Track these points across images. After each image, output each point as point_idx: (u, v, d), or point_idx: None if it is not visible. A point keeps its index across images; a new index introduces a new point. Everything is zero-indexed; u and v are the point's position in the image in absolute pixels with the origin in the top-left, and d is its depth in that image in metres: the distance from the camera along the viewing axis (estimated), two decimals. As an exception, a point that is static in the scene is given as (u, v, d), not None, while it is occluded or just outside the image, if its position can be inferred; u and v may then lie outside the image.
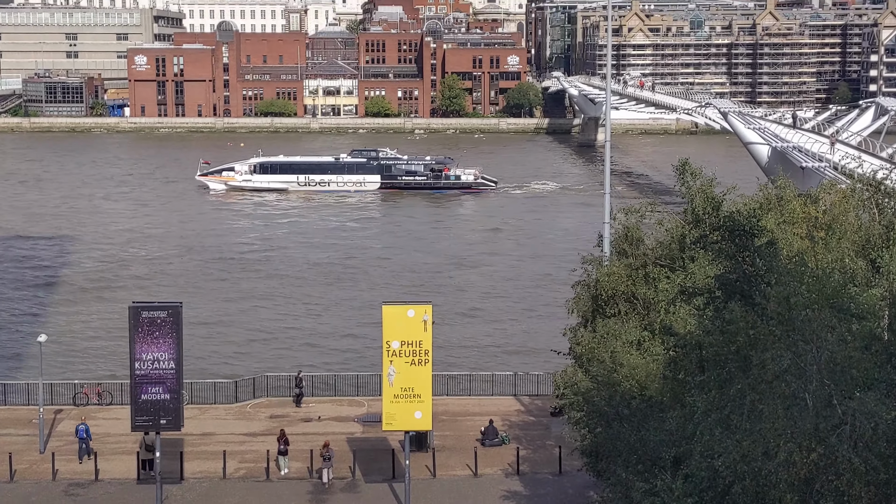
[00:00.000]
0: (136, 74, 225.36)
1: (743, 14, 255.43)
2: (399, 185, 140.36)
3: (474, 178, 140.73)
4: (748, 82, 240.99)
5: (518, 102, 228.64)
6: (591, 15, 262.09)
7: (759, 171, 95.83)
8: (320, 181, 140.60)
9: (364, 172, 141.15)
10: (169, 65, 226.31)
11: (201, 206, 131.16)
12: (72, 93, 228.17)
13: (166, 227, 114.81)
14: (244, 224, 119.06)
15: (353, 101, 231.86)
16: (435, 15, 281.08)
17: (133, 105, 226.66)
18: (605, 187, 54.67)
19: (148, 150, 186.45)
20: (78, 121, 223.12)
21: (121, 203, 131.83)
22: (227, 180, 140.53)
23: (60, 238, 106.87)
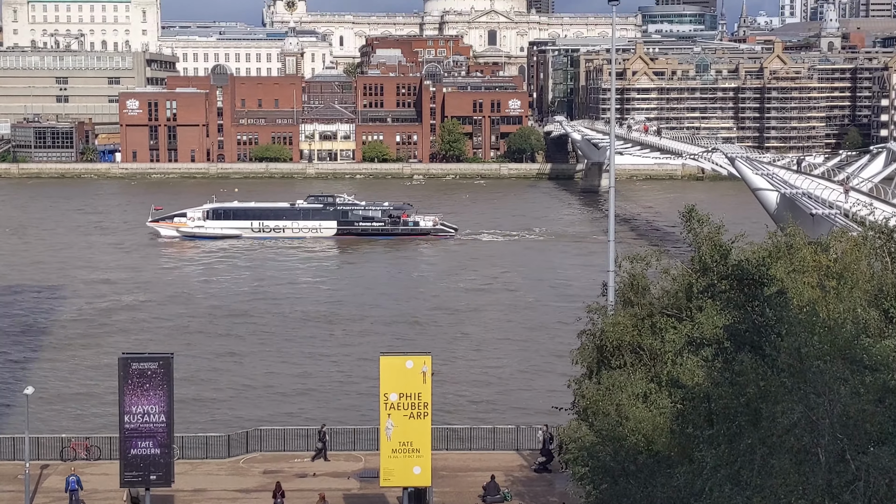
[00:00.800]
0: (127, 119, 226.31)
1: (750, 58, 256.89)
2: (356, 232, 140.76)
3: (433, 224, 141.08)
4: (756, 127, 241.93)
5: (519, 147, 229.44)
6: (595, 58, 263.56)
7: (768, 218, 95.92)
8: (275, 227, 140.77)
9: (320, 218, 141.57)
10: (161, 109, 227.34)
11: (157, 254, 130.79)
12: (62, 138, 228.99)
13: (142, 276, 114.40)
14: (214, 272, 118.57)
15: (351, 145, 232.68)
16: (434, 58, 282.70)
17: (124, 150, 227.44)
18: (610, 234, 54.69)
19: (137, 197, 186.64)
20: (68, 166, 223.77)
21: (102, 250, 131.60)
22: (179, 226, 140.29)
23: (45, 286, 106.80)
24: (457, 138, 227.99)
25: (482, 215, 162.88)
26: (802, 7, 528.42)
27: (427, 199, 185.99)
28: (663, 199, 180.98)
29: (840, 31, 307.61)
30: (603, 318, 39.76)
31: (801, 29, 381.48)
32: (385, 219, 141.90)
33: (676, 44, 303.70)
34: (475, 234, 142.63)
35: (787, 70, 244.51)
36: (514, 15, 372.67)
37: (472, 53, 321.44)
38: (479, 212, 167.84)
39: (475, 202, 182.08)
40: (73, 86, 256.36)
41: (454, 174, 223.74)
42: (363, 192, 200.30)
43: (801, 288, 29.69)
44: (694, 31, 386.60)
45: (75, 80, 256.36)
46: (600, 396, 35.37)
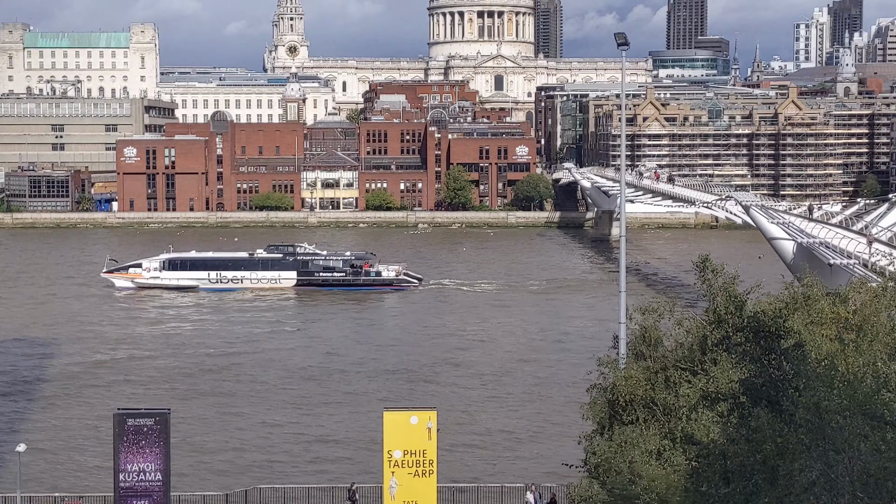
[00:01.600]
0: (125, 167, 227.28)
1: (764, 103, 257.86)
2: (316, 283, 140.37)
3: (396, 274, 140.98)
4: (771, 174, 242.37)
5: (527, 195, 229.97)
6: (604, 103, 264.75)
7: (785, 268, 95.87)
8: (233, 278, 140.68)
9: (279, 269, 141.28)
10: (160, 156, 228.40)
11: (125, 306, 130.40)
12: (57, 187, 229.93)
13: (123, 330, 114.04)
14: (191, 324, 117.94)
15: (354, 193, 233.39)
16: (439, 104, 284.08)
17: (121, 199, 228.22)
18: (621, 285, 54.63)
19: (132, 247, 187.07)
20: (63, 216, 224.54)
21: (65, 303, 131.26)
22: (134, 277, 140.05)
23: (33, 340, 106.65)
24: (463, 186, 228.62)
25: (482, 265, 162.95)
26: (818, 51, 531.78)
27: (431, 247, 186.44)
28: (676, 249, 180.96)
29: (856, 76, 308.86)
30: (614, 371, 39.62)
31: (816, 74, 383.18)
32: (346, 269, 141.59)
33: (688, 89, 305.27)
34: (441, 284, 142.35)
35: (803, 116, 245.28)
36: (521, 60, 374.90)
37: (478, 99, 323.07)
38: (481, 261, 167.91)
39: (481, 251, 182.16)
40: (69, 133, 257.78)
41: (460, 223, 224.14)
42: (366, 241, 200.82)
43: (820, 341, 29.60)
44: (706, 75, 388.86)
45: (71, 128, 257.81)
46: (612, 453, 35.17)
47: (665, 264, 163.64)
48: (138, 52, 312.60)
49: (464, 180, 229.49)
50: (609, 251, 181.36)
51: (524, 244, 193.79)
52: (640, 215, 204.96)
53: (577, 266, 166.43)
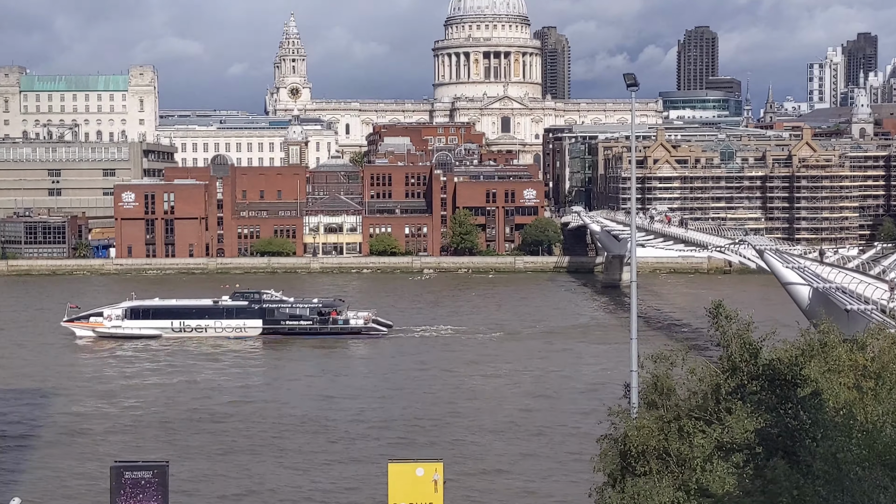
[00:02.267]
0: (123, 212, 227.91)
1: (777, 145, 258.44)
2: (282, 331, 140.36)
3: (364, 322, 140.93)
4: (785, 217, 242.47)
5: (535, 239, 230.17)
6: (614, 145, 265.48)
7: (800, 314, 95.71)
8: (196, 327, 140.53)
9: (245, 317, 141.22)
10: (159, 201, 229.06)
11: (80, 356, 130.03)
12: (54, 233, 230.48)
13: (101, 381, 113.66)
14: (177, 374, 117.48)
15: (357, 238, 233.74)
16: (445, 146, 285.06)
17: (119, 245, 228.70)
18: (632, 332, 54.56)
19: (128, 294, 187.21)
20: (60, 263, 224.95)
21: (52, 352, 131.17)
22: (95, 326, 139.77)
23: (23, 390, 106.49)
24: (469, 230, 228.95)
25: (485, 311, 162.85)
26: (832, 92, 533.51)
27: (436, 293, 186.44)
28: (688, 294, 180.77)
29: (872, 117, 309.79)
30: (626, 421, 39.49)
31: (830, 115, 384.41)
32: (314, 317, 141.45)
33: (700, 130, 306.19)
34: (413, 331, 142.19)
35: (818, 157, 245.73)
36: (528, 101, 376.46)
37: (484, 141, 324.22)
38: (487, 307, 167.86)
39: (486, 297, 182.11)
40: (66, 178, 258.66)
41: (466, 268, 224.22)
42: (370, 287, 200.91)
43: (837, 389, 29.53)
44: (718, 116, 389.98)
45: (68, 172, 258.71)
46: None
47: (677, 310, 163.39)
48: (137, 94, 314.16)
49: (470, 224, 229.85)
50: (620, 297, 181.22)
51: (531, 289, 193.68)
52: (652, 260, 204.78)
53: (586, 312, 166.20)
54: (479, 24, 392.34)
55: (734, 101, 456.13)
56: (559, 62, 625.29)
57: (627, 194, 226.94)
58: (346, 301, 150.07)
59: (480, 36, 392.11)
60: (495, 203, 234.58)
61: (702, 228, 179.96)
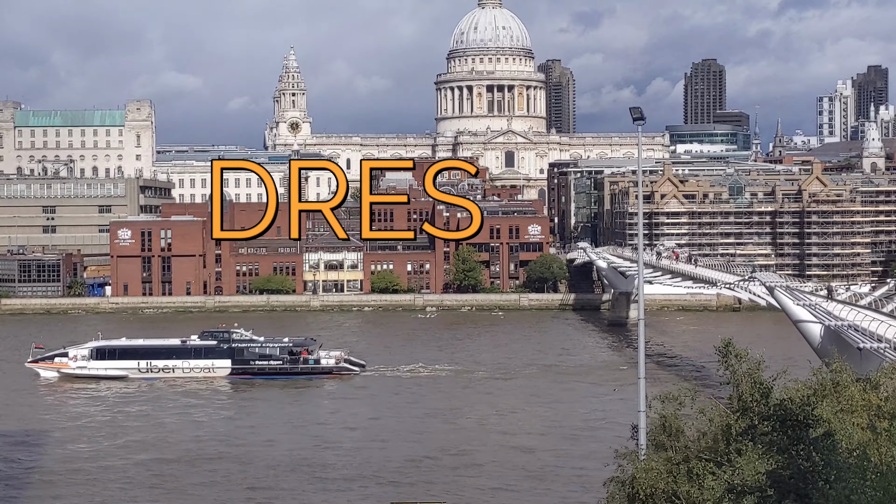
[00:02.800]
0: (119, 250, 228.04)
1: (787, 179, 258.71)
2: (252, 371, 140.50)
3: (336, 361, 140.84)
4: (795, 253, 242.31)
5: (540, 276, 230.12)
6: (620, 180, 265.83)
7: (812, 353, 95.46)
8: (164, 367, 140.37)
9: (213, 357, 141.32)
10: (155, 239, 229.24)
11: (53, 398, 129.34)
12: (48, 271, 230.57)
13: (78, 423, 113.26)
14: (162, 416, 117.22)
15: (358, 275, 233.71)
16: (448, 181, 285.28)
17: (115, 283, 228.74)
18: (640, 371, 54.40)
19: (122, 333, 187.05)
20: (54, 302, 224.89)
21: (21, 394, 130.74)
22: (61, 367, 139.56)
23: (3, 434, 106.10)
24: (472, 267, 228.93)
25: (488, 350, 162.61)
26: (842, 125, 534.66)
27: (438, 331, 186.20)
28: (697, 332, 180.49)
29: (883, 151, 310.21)
30: (634, 463, 39.28)
31: (841, 149, 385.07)
32: (284, 356, 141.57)
33: (708, 165, 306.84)
34: (386, 370, 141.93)
35: (828, 192, 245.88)
36: (532, 135, 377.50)
37: (488, 176, 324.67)
38: (488, 345, 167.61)
39: (488, 335, 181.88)
40: (60, 215, 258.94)
41: (470, 305, 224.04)
42: (370, 325, 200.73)
43: (850, 429, 29.36)
44: (726, 151, 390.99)
45: (63, 209, 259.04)
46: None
47: (686, 349, 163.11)
48: (134, 130, 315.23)
49: (473, 261, 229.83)
50: (627, 335, 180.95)
51: (536, 327, 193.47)
52: (659, 297, 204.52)
53: (592, 350, 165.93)
54: (482, 57, 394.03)
55: (742, 135, 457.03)
56: (564, 95, 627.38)
57: (634, 230, 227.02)
58: (320, 340, 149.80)
59: (484, 69, 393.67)
60: (499, 239, 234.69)
61: (710, 265, 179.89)
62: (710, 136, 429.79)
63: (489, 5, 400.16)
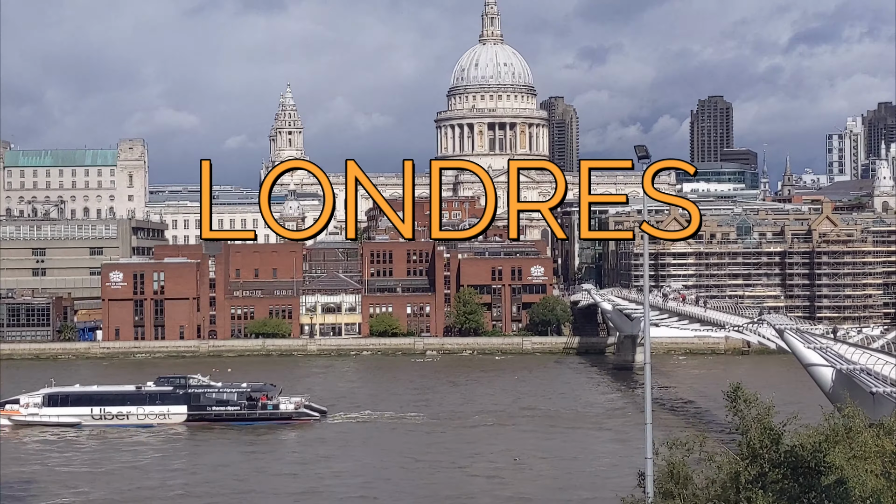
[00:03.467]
0: (110, 293, 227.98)
1: (796, 219, 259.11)
2: (209, 417, 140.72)
3: (295, 407, 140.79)
4: (806, 295, 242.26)
5: (544, 318, 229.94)
6: (626, 220, 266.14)
7: (823, 398, 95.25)
8: (118, 413, 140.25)
9: (169, 403, 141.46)
10: (148, 281, 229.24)
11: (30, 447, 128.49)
12: (37, 315, 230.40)
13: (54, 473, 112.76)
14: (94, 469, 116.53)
15: (357, 318, 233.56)
16: (448, 221, 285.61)
17: (106, 327, 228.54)
18: (647, 416, 54.25)
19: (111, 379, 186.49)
20: (43, 346, 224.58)
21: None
22: (12, 414, 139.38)
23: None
24: (474, 309, 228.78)
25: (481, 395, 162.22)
26: (852, 164, 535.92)
27: (438, 376, 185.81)
28: (705, 376, 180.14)
29: (895, 190, 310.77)
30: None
31: (851, 187, 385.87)
32: (242, 402, 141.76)
33: (715, 204, 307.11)
34: (350, 417, 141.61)
35: (838, 232, 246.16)
36: (535, 174, 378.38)
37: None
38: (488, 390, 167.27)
39: (486, 379, 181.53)
40: (50, 257, 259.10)
41: (471, 349, 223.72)
42: (369, 370, 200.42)
43: (864, 477, 29.28)
44: (734, 190, 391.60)
45: (54, 251, 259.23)
46: None
47: (694, 393, 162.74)
48: (126, 169, 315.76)
49: (475, 303, 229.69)
50: (633, 379, 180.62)
51: (538, 371, 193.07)
52: (666, 340, 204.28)
53: (596, 395, 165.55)
54: (483, 94, 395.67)
55: (750, 174, 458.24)
56: (567, 133, 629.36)
57: (640, 271, 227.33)
58: (279, 386, 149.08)
59: (485, 106, 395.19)
60: (501, 281, 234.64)
61: (718, 307, 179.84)
62: (718, 174, 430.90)
63: (490, 41, 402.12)
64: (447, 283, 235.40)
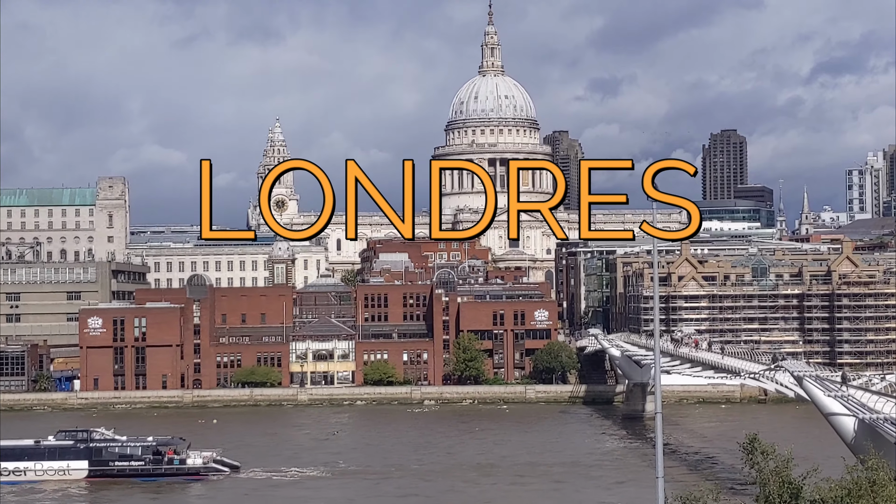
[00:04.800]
0: (89, 340, 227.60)
1: (815, 259, 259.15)
2: (111, 473, 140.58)
3: (204, 462, 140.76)
4: (825, 340, 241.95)
5: (548, 366, 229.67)
6: (634, 261, 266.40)
7: (845, 449, 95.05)
8: (14, 469, 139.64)
9: (69, 458, 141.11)
10: (129, 327, 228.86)
11: None
12: (11, 364, 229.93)
13: None
14: None
15: (350, 366, 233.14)
16: (447, 263, 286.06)
17: (84, 377, 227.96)
18: (658, 469, 54.20)
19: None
20: (17, 397, 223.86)
21: None
22: None
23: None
24: (474, 356, 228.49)
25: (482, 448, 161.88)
26: (874, 201, 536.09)
27: (437, 427, 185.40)
28: (719, 427, 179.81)
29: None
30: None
31: (872, 226, 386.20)
32: (147, 456, 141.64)
33: (729, 244, 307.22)
34: (270, 472, 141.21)
35: (860, 273, 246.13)
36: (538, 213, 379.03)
37: (490, 257, 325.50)
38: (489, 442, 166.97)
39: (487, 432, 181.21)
40: (25, 302, 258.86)
41: (472, 398, 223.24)
42: (362, 420, 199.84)
43: (889, 533, 29.22)
44: (748, 228, 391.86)
45: (29, 296, 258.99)
46: None
47: (707, 444, 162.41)
48: (106, 209, 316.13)
49: (475, 350, 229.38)
50: (642, 430, 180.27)
51: (542, 422, 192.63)
52: (678, 388, 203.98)
53: (603, 446, 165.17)
54: (483, 128, 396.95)
55: (766, 212, 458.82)
56: (572, 169, 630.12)
57: (650, 315, 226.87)
58: (188, 441, 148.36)
59: (485, 141, 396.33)
60: (503, 326, 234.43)
61: (733, 353, 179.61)
62: (731, 212, 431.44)
63: (491, 73, 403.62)
64: (446, 328, 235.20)
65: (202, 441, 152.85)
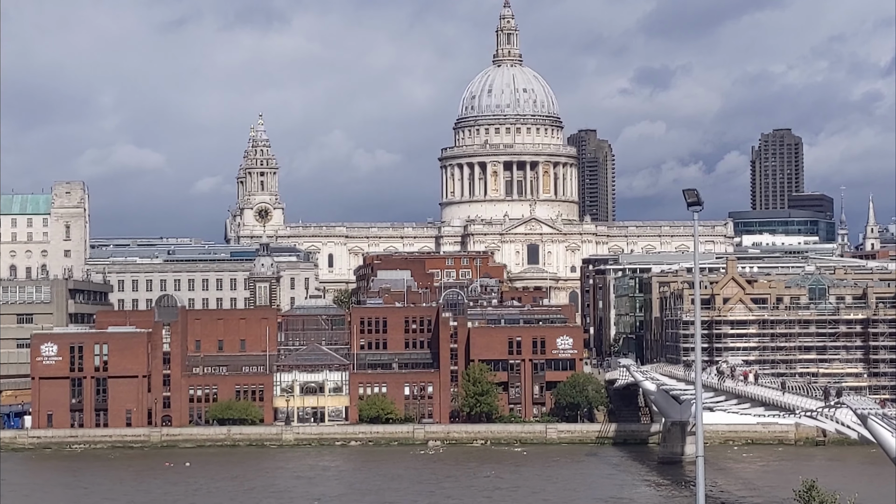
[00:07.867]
0: (41, 370, 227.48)
1: (882, 279, 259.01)
2: None
3: None
4: (893, 372, 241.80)
5: (572, 401, 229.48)
6: (672, 280, 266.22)
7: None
8: None
9: None
10: (88, 355, 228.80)
11: None
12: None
13: None
14: None
15: (343, 401, 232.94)
16: (455, 282, 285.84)
17: (36, 412, 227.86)
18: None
19: (39, 481, 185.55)
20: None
21: None
22: None
23: None
24: (486, 390, 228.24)
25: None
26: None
27: (443, 471, 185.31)
28: (771, 472, 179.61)
29: None
30: None
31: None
32: None
33: (782, 261, 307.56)
34: None
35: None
36: (561, 224, 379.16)
37: (506, 275, 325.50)
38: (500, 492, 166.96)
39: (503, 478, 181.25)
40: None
41: (483, 439, 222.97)
42: (356, 464, 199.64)
43: None
44: (805, 243, 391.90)
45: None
46: None
47: (757, 493, 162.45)
48: (62, 219, 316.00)
49: (488, 383, 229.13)
50: (681, 475, 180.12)
51: (565, 467, 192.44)
52: (723, 428, 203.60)
53: (637, 496, 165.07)
54: (497, 126, 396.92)
55: (825, 223, 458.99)
56: (600, 174, 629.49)
57: (690, 343, 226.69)
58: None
59: (500, 142, 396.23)
60: (520, 355, 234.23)
61: (788, 387, 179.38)
62: (785, 225, 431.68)
63: (507, 62, 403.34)
64: (454, 357, 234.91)
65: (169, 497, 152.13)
